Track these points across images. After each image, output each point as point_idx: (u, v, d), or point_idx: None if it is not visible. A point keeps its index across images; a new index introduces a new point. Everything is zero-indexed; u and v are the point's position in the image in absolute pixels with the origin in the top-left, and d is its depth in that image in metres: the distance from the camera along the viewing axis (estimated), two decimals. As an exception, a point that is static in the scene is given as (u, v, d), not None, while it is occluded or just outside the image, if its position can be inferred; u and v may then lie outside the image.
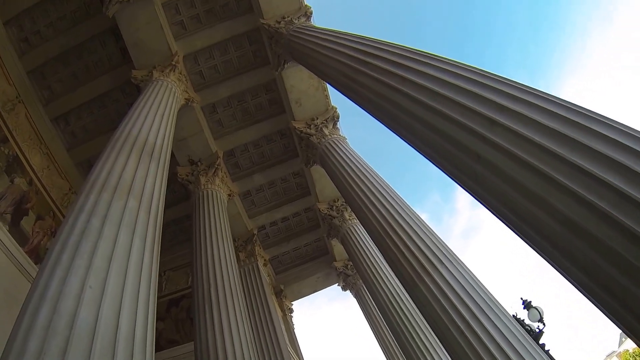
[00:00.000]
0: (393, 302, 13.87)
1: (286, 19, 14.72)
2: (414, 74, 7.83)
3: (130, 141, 9.69)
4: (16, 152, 14.71)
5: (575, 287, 4.98)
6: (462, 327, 8.27)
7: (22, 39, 15.33)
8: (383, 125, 9.33)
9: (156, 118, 11.33)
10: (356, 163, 13.80)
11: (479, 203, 6.40)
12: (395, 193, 12.24)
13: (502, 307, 8.80)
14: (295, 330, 20.59)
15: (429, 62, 7.81)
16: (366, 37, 10.43)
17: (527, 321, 12.06)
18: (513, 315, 10.45)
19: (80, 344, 5.18)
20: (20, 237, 13.89)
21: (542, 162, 5.05)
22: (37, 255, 14.27)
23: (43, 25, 15.17)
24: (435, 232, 10.77)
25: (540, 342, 11.50)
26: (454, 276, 9.16)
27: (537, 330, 11.90)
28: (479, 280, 9.30)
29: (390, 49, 8.99)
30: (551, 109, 5.43)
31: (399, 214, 11.23)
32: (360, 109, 10.27)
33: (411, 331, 12.95)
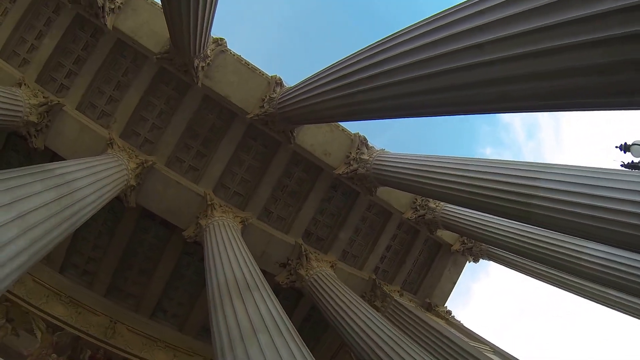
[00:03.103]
0: (523, 240, 13.48)
1: (265, 100, 15.03)
2: (393, 61, 7.77)
3: (224, 289, 9.91)
4: (142, 364, 15.31)
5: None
6: (590, 213, 7.80)
7: (82, 272, 16.31)
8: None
9: (230, 256, 11.61)
10: (407, 161, 13.66)
11: (522, 113, 6.21)
12: (453, 157, 12.03)
13: (612, 170, 8.37)
14: (466, 325, 20.07)
15: (397, 41, 7.79)
16: (340, 61, 10.46)
17: (636, 160, 11.48)
18: (621, 165, 9.93)
19: None
20: None
21: (547, 39, 4.84)
22: None
23: (90, 249, 16.10)
24: (506, 158, 10.37)
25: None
26: (553, 180, 8.72)
27: (652, 159, 11.30)
28: (576, 166, 8.85)
29: (364, 55, 9.00)
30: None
31: (468, 170, 10.98)
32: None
33: (554, 248, 12.52)
